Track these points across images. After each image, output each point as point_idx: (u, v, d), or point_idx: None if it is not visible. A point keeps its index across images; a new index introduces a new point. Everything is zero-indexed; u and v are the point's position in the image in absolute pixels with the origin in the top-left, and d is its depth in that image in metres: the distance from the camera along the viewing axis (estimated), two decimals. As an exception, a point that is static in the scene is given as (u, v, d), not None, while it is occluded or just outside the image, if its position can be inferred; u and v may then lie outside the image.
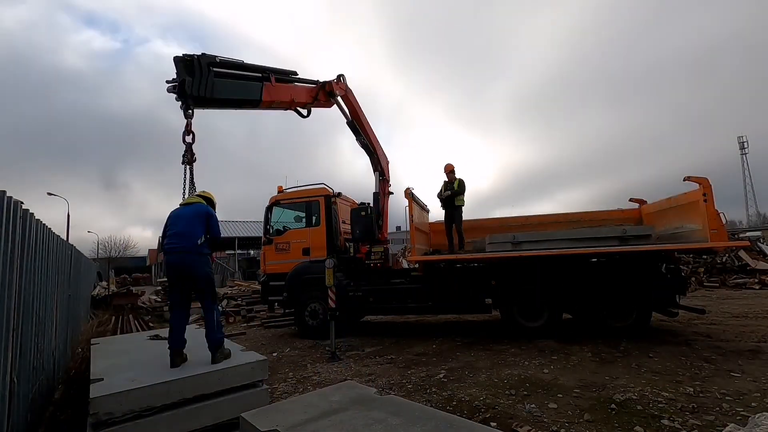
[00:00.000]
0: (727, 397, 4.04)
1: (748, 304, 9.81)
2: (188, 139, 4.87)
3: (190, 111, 5.10)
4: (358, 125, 8.50)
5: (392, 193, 9.50)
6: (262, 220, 8.99)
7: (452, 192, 8.11)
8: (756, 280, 12.85)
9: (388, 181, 9.29)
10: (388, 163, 9.37)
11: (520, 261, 7.07)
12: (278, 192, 9.02)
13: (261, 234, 9.19)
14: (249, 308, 11.94)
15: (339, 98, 8.05)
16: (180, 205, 4.10)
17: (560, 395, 4.34)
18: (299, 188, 9.07)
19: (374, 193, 8.95)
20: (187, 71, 5.34)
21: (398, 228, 46.75)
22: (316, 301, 8.00)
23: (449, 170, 8.29)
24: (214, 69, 5.65)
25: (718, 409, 3.80)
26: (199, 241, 3.72)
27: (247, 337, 8.96)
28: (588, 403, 4.09)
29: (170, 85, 5.33)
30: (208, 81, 5.44)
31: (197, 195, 4.29)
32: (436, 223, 9.60)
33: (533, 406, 4.06)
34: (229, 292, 15.09)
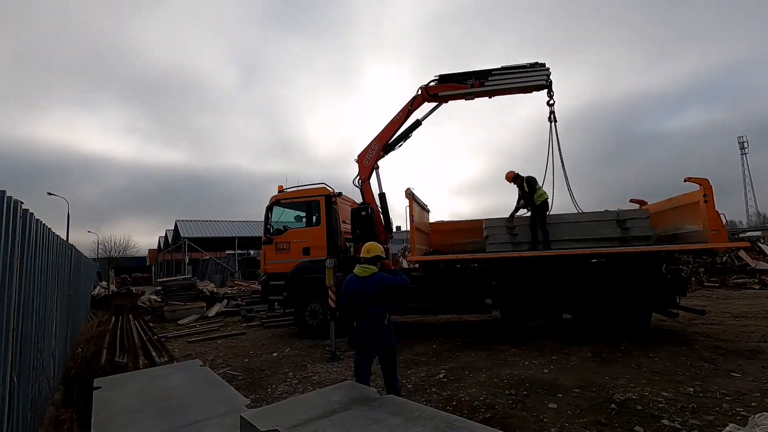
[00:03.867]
0: (727, 397, 4.05)
1: (748, 304, 9.80)
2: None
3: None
4: None
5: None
6: (263, 219, 8.99)
7: (526, 195, 7.82)
8: (756, 281, 12.86)
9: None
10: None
11: (520, 261, 7.07)
12: (279, 191, 9.02)
13: (261, 234, 9.18)
14: (249, 308, 11.93)
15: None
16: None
17: (560, 395, 4.33)
18: (300, 188, 9.06)
19: (380, 194, 8.95)
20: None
21: (398, 228, 46.76)
22: (316, 300, 7.99)
23: (511, 178, 8.10)
24: None
25: (718, 409, 3.80)
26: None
27: (247, 337, 8.96)
28: (588, 403, 4.09)
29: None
30: None
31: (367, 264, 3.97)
32: (437, 223, 9.61)
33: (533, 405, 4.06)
34: (229, 291, 15.09)
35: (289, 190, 9.06)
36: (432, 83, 8.62)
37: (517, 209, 8.00)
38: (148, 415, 3.79)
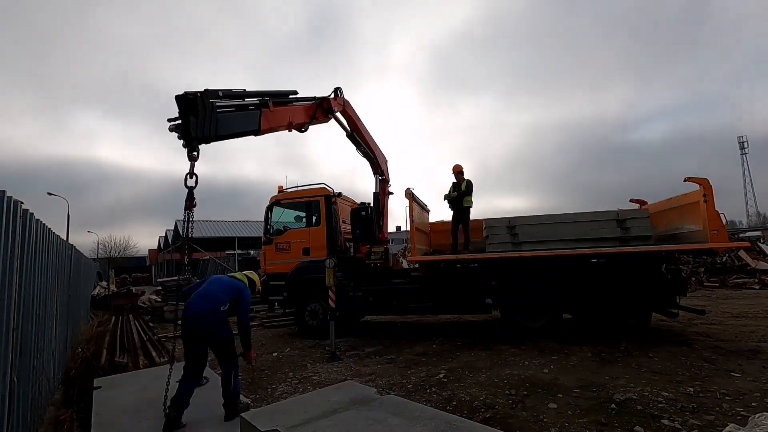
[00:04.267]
0: (727, 397, 4.05)
1: (748, 304, 9.80)
2: (190, 182, 4.39)
3: (195, 153, 4.66)
4: (358, 136, 8.46)
5: (392, 193, 9.48)
6: (262, 219, 9.00)
7: (459, 193, 8.09)
8: (756, 280, 12.86)
9: (388, 180, 9.29)
10: (386, 162, 9.37)
11: (520, 261, 7.07)
12: (278, 192, 9.02)
13: (261, 234, 9.18)
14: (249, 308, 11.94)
15: (338, 113, 7.99)
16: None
17: (560, 395, 4.33)
18: (300, 188, 9.07)
19: (374, 193, 8.96)
20: (190, 111, 4.91)
21: (398, 228, 46.75)
22: (316, 301, 8.00)
23: (457, 171, 8.26)
24: (216, 104, 5.34)
25: (718, 409, 3.80)
26: (222, 308, 3.79)
27: (247, 337, 8.96)
28: (588, 403, 4.09)
29: (173, 124, 4.91)
30: (212, 119, 5.11)
31: (244, 274, 4.45)
32: (437, 223, 9.61)
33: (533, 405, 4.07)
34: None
35: (289, 190, 9.07)
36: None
37: (449, 197, 8.29)
38: (148, 415, 3.79)
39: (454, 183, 8.29)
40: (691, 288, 12.11)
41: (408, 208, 7.98)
